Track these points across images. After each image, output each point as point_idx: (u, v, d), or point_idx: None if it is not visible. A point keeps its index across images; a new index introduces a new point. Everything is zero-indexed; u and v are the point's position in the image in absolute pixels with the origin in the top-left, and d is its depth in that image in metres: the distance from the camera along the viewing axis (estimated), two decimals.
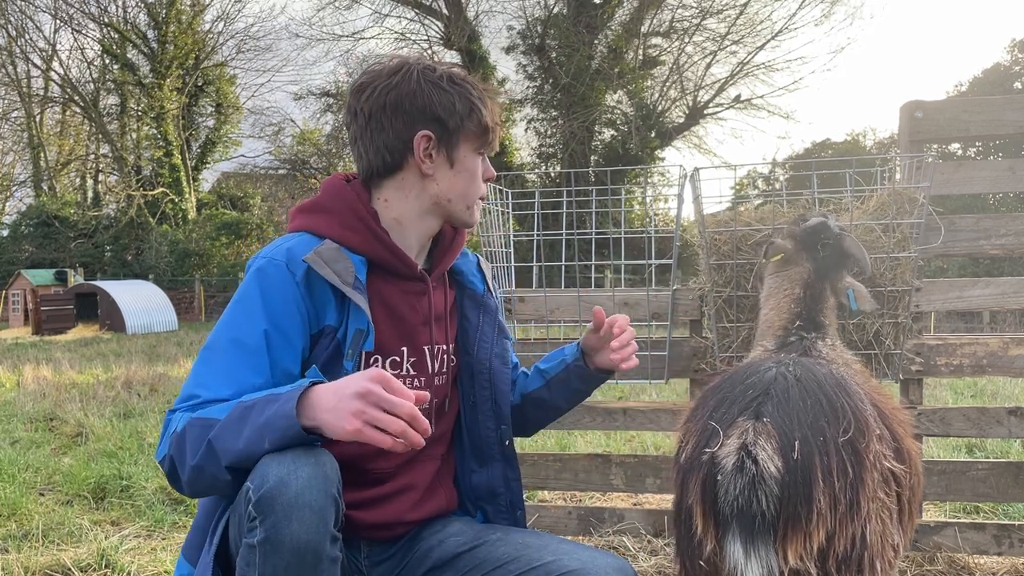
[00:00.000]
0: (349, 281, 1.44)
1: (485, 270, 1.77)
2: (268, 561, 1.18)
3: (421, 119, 1.49)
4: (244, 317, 1.42)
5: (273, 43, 48.63)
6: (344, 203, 1.52)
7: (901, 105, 2.50)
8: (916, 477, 1.53)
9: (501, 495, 1.70)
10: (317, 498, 1.19)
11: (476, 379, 1.66)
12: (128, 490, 3.82)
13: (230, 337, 1.41)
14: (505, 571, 1.50)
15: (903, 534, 1.46)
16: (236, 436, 1.24)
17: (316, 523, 1.19)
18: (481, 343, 1.67)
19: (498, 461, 1.69)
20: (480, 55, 25.15)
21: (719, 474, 1.30)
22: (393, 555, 1.60)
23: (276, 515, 1.17)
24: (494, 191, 2.58)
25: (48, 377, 8.45)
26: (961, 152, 22.53)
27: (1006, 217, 2.43)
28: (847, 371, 1.56)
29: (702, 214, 2.34)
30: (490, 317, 1.70)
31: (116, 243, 29.52)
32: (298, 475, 1.19)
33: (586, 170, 20.92)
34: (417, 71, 1.50)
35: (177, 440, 1.30)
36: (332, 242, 1.48)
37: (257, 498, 1.18)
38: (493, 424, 1.68)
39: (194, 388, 1.38)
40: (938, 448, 4.30)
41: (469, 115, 1.52)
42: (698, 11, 24.98)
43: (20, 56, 31.34)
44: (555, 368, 1.78)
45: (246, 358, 1.39)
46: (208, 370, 1.39)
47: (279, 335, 1.41)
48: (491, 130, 1.56)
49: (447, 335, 1.65)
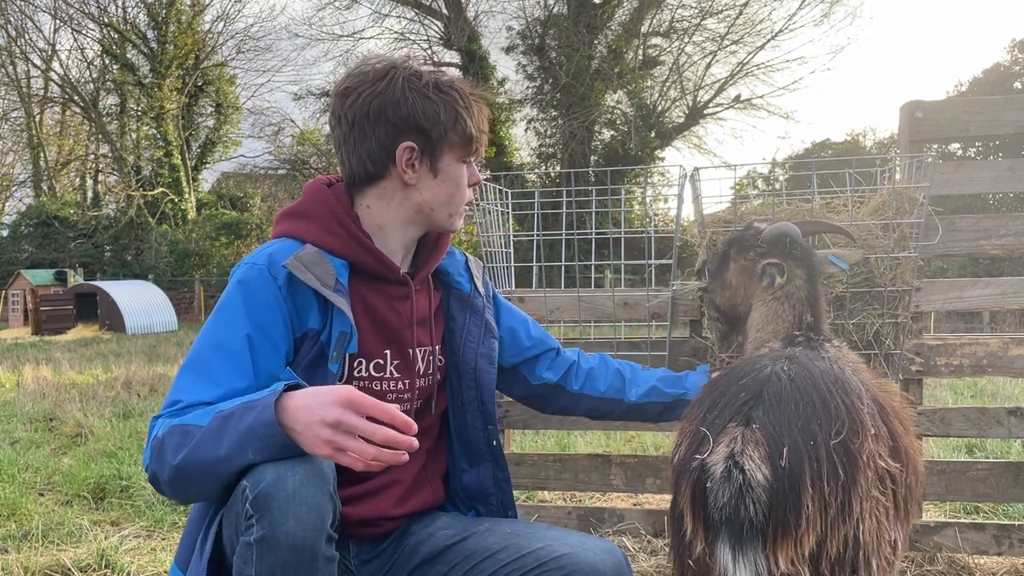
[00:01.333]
0: (330, 284, 1.45)
1: (473, 269, 1.76)
2: (265, 559, 1.18)
3: (404, 129, 1.47)
4: (226, 323, 1.41)
5: (273, 43, 48.65)
6: (325, 208, 1.52)
7: (901, 105, 2.50)
8: (914, 476, 1.52)
9: (492, 495, 1.71)
10: (314, 495, 1.19)
11: (463, 379, 1.67)
12: (128, 490, 3.82)
13: (212, 343, 1.41)
14: (495, 560, 1.51)
15: (901, 531, 1.46)
16: (217, 444, 1.24)
17: (313, 520, 1.19)
18: (467, 343, 1.68)
19: (487, 461, 1.71)
20: (480, 55, 25.14)
21: (708, 481, 1.30)
22: (382, 552, 1.60)
23: (273, 512, 1.17)
24: (494, 191, 2.58)
25: (48, 377, 8.44)
26: (961, 152, 22.54)
27: (1006, 217, 2.43)
28: (850, 367, 1.55)
29: (702, 214, 2.34)
30: (476, 317, 1.70)
31: (116, 243, 29.52)
32: (295, 472, 1.19)
33: (586, 170, 20.92)
34: (402, 78, 1.47)
35: (159, 446, 1.30)
36: (313, 247, 1.49)
37: (254, 496, 1.18)
38: (481, 424, 1.69)
39: (177, 394, 1.37)
40: (938, 448, 4.30)
41: (453, 125, 1.49)
42: (698, 11, 25.00)
43: (20, 56, 31.38)
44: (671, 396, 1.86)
45: (229, 362, 1.38)
46: (191, 376, 1.39)
47: (262, 339, 1.41)
48: (476, 139, 1.54)
49: (432, 337, 1.65)
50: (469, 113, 1.51)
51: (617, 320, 2.59)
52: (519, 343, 1.82)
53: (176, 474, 1.27)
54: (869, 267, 2.25)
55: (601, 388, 1.85)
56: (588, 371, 1.87)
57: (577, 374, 1.86)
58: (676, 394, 1.85)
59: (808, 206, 2.32)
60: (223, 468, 1.24)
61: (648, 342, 2.56)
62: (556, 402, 1.88)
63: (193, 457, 1.25)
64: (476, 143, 1.55)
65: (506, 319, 1.82)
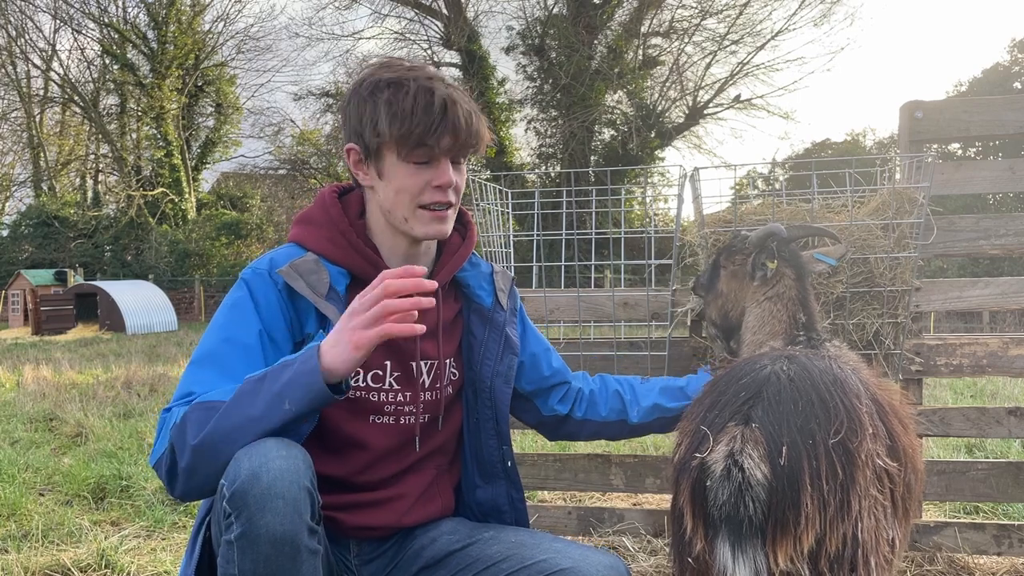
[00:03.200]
0: (322, 292, 1.47)
1: (498, 282, 1.71)
2: (246, 556, 1.18)
3: (350, 133, 1.52)
4: (238, 319, 1.44)
5: (273, 43, 48.69)
6: (328, 217, 1.55)
7: (901, 105, 2.50)
8: (913, 474, 1.53)
9: (506, 513, 1.70)
10: (289, 488, 1.19)
11: (479, 396, 1.66)
12: (128, 490, 3.82)
13: (223, 337, 1.42)
14: (497, 570, 1.50)
15: (900, 529, 1.47)
16: (250, 405, 1.25)
17: (290, 514, 1.19)
18: (485, 360, 1.66)
19: (502, 480, 1.69)
20: (480, 55, 25.15)
21: (708, 479, 1.31)
22: (384, 553, 1.60)
23: (250, 508, 1.17)
24: (494, 191, 2.58)
25: (48, 377, 8.45)
26: (961, 152, 22.54)
27: (1006, 217, 2.43)
28: (849, 366, 1.56)
29: (702, 214, 2.34)
30: (496, 332, 1.67)
31: (116, 243, 29.53)
32: (269, 468, 1.19)
33: (586, 170, 20.92)
34: (368, 82, 1.48)
35: (178, 429, 1.29)
36: (313, 255, 1.52)
37: (231, 494, 1.19)
38: (495, 443, 1.67)
39: (190, 386, 1.37)
40: (938, 448, 4.30)
41: (389, 125, 1.43)
42: (698, 11, 25.00)
43: (20, 56, 31.43)
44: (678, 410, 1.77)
45: (243, 355, 1.40)
46: (203, 369, 1.39)
47: (269, 339, 1.44)
48: (417, 137, 1.43)
49: (442, 349, 1.61)
50: (411, 111, 1.42)
51: (617, 320, 2.59)
52: (539, 371, 1.80)
53: (200, 447, 1.25)
54: (869, 267, 2.25)
55: (603, 412, 1.84)
56: (589, 395, 1.85)
57: (580, 401, 1.85)
58: (681, 407, 1.79)
59: (808, 206, 2.32)
60: (255, 428, 1.24)
61: (648, 342, 2.56)
62: (562, 430, 1.87)
63: (222, 424, 1.25)
64: (420, 141, 1.44)
65: (531, 344, 1.80)
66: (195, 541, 1.37)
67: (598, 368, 2.65)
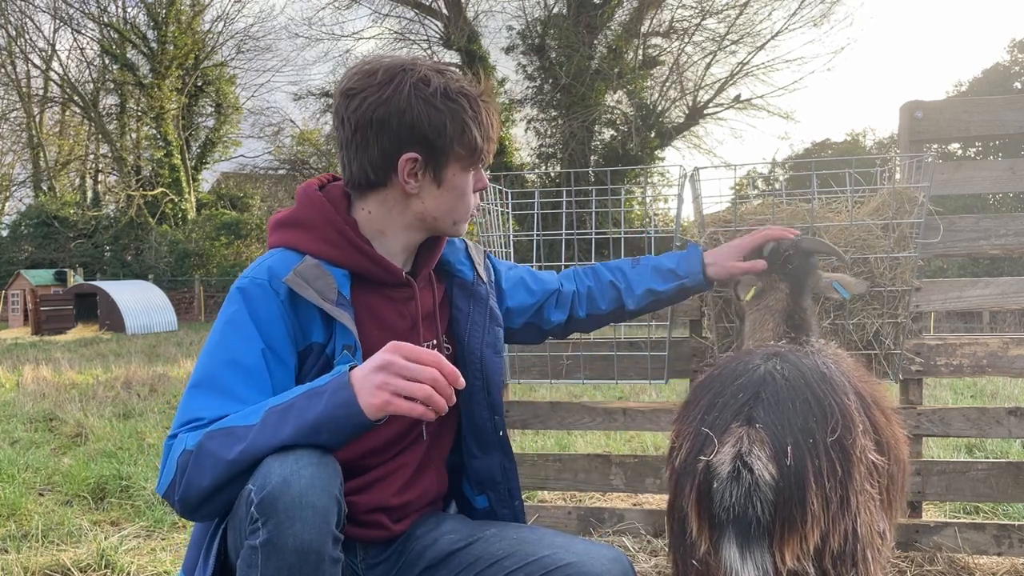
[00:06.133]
0: (332, 298, 1.42)
1: (474, 255, 1.73)
2: (270, 562, 1.17)
3: (408, 140, 1.43)
4: (238, 338, 1.38)
5: (273, 43, 48.54)
6: (321, 215, 1.49)
7: (901, 105, 2.50)
8: (897, 465, 1.56)
9: (500, 483, 1.71)
10: (320, 498, 1.19)
11: (469, 368, 1.65)
12: (128, 490, 3.82)
13: (225, 359, 1.36)
14: (500, 567, 1.49)
15: (888, 521, 1.50)
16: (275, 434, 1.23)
17: (319, 524, 1.18)
18: (472, 332, 1.67)
19: (496, 450, 1.70)
20: (480, 55, 25.15)
21: (715, 481, 1.32)
22: (389, 556, 1.59)
23: (279, 516, 1.17)
24: (494, 191, 2.58)
25: (48, 377, 8.45)
26: (961, 152, 22.54)
27: (1006, 217, 2.43)
28: (832, 360, 1.57)
29: (702, 214, 2.34)
30: (480, 305, 1.69)
31: (116, 243, 29.54)
32: (301, 476, 1.18)
33: (586, 170, 20.91)
34: (409, 84, 1.41)
35: (193, 456, 1.25)
36: (312, 258, 1.46)
37: (259, 499, 1.18)
38: (488, 414, 1.68)
39: (194, 412, 1.32)
40: (938, 448, 4.30)
41: (460, 136, 1.44)
42: (698, 11, 25.01)
43: (20, 56, 31.47)
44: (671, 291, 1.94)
45: (248, 378, 1.35)
46: (205, 395, 1.34)
47: (272, 354, 1.39)
48: (482, 149, 1.49)
49: (437, 329, 1.64)
50: (477, 122, 1.46)
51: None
52: (524, 304, 1.87)
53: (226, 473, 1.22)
54: (869, 267, 2.25)
55: (603, 307, 1.95)
56: (587, 293, 1.95)
57: (579, 301, 1.94)
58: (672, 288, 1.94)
59: (808, 206, 2.32)
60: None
61: (648, 342, 2.56)
62: (569, 330, 1.98)
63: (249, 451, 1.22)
64: (483, 152, 1.50)
65: (510, 290, 1.84)
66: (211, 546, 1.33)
67: (598, 368, 2.66)
